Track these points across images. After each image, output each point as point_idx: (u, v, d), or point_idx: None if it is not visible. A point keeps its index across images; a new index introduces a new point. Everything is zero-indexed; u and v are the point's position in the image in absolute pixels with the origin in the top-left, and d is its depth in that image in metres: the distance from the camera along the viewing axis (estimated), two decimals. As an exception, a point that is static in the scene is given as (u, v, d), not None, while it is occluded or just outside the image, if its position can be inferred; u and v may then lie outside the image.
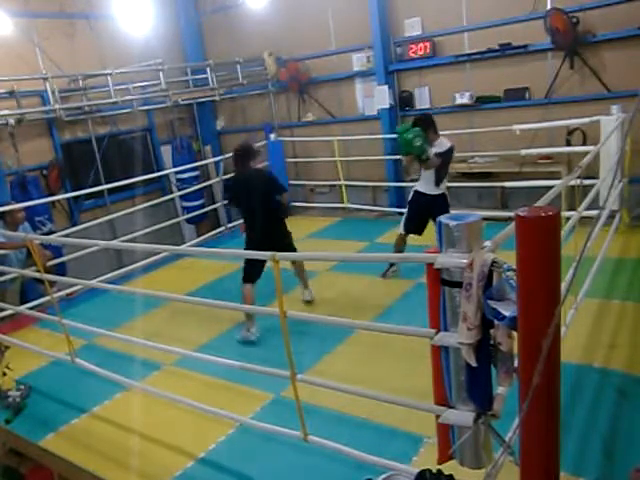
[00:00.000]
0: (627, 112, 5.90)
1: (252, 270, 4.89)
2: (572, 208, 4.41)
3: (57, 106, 7.75)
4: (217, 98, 9.60)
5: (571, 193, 4.77)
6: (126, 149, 9.61)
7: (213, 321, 5.13)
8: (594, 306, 4.48)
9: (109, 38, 9.03)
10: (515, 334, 1.99)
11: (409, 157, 5.24)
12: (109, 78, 8.01)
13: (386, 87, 8.31)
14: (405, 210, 5.71)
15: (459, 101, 7.81)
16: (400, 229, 5.65)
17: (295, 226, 6.28)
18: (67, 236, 6.37)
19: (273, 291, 2.71)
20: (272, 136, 8.77)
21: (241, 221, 5.36)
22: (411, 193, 5.62)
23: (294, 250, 5.14)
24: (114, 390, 4.16)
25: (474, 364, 2.05)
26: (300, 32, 9.17)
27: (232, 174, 5.39)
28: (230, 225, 8.58)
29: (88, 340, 4.93)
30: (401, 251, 5.58)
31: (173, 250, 5.26)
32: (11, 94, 7.42)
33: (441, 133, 7.58)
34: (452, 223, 2.04)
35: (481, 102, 7.74)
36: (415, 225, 5.53)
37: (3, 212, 5.74)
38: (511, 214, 1.96)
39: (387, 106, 8.35)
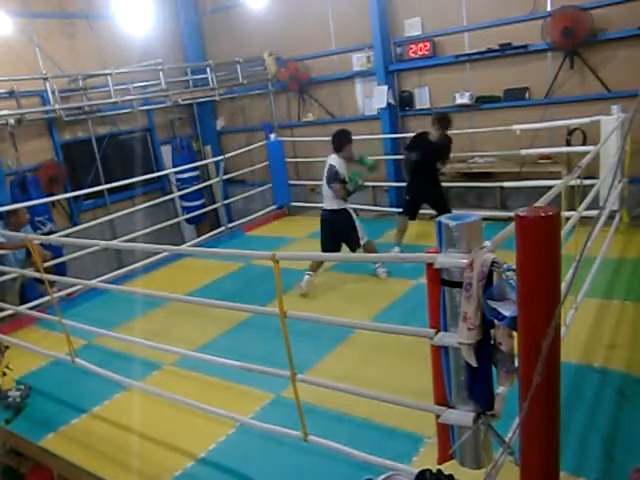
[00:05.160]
0: (627, 112, 5.90)
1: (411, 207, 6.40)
2: (572, 208, 4.41)
3: (57, 106, 7.76)
4: (217, 98, 9.61)
5: (571, 193, 4.77)
6: (126, 149, 9.62)
7: (213, 321, 5.12)
8: (594, 306, 4.48)
9: (109, 38, 9.04)
10: (515, 334, 1.99)
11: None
12: (109, 78, 8.02)
13: (385, 87, 8.31)
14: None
15: (459, 101, 7.80)
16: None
17: (295, 226, 6.33)
18: (67, 236, 6.37)
19: (273, 291, 2.71)
20: (272, 136, 8.77)
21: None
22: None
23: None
24: (114, 390, 4.16)
25: (474, 364, 2.05)
26: (300, 32, 9.17)
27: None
28: (230, 225, 8.58)
29: (88, 340, 4.93)
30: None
31: (173, 250, 5.25)
32: (11, 94, 7.42)
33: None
34: (452, 223, 2.04)
35: (481, 102, 7.73)
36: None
37: (8, 212, 5.74)
38: (511, 214, 1.96)
39: (384, 105, 8.33)
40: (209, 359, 3.48)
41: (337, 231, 5.67)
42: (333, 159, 5.62)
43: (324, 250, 5.63)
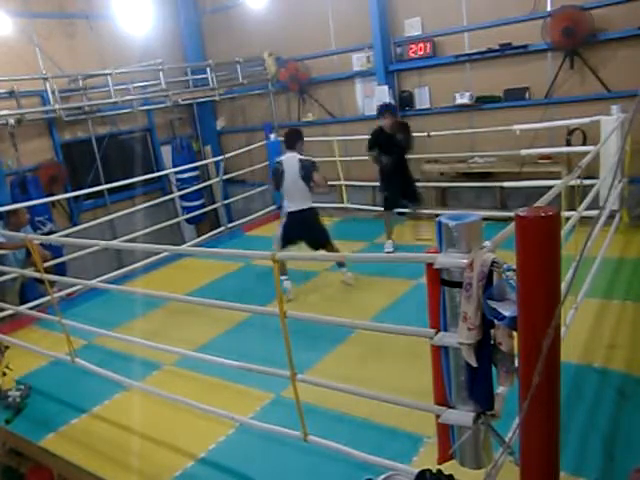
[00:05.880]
0: (627, 112, 5.90)
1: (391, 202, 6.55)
2: (572, 208, 4.40)
3: (57, 106, 7.77)
4: (217, 98, 9.62)
5: (571, 193, 4.77)
6: (126, 149, 9.62)
7: (213, 321, 5.12)
8: (594, 306, 4.47)
9: (109, 38, 9.04)
10: (515, 334, 1.99)
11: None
12: (109, 78, 8.02)
13: (386, 87, 8.31)
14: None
15: (459, 101, 7.81)
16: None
17: (295, 226, 6.34)
18: (67, 236, 6.37)
19: (273, 291, 2.71)
20: (272, 136, 8.76)
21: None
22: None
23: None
24: (114, 390, 4.16)
25: (474, 364, 2.05)
26: (300, 32, 9.18)
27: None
28: (230, 225, 8.58)
29: (88, 340, 4.93)
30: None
31: (173, 250, 5.26)
32: (11, 94, 7.43)
33: (436, 133, 7.69)
34: (452, 223, 2.04)
35: (481, 102, 7.74)
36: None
37: (8, 212, 5.74)
38: (511, 214, 1.96)
39: (387, 106, 8.35)
40: (209, 359, 3.48)
41: (309, 230, 5.52)
42: (297, 155, 5.50)
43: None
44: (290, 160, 5.48)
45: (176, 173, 9.26)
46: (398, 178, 6.44)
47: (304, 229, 5.51)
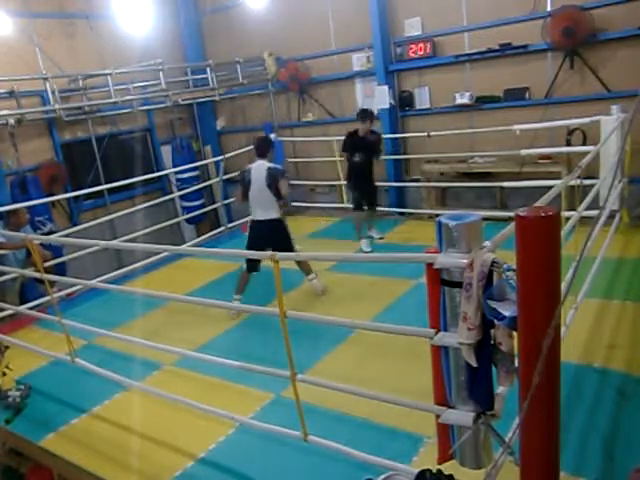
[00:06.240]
0: (627, 112, 5.90)
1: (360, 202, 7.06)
2: (572, 208, 4.41)
3: (57, 106, 7.76)
4: (217, 98, 9.62)
5: (571, 193, 4.77)
6: (126, 149, 9.62)
7: (213, 321, 5.13)
8: (594, 306, 4.48)
9: (109, 38, 9.03)
10: (515, 334, 1.99)
11: None
12: (109, 78, 8.02)
13: (386, 87, 8.31)
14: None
15: (459, 101, 7.81)
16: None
17: (295, 226, 6.32)
18: (67, 236, 6.37)
19: (273, 291, 2.71)
20: (272, 136, 8.73)
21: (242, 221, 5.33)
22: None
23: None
24: (114, 390, 4.16)
25: (474, 364, 2.05)
26: (300, 32, 9.17)
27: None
28: (230, 225, 8.58)
29: (88, 340, 4.93)
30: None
31: (173, 250, 5.25)
32: (11, 94, 7.42)
33: (436, 133, 7.61)
34: (452, 223, 2.04)
35: (481, 102, 7.73)
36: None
37: (8, 212, 5.74)
38: (511, 214, 1.96)
39: (387, 106, 8.35)
40: (209, 359, 3.48)
41: (274, 240, 5.25)
42: (266, 163, 5.36)
43: (250, 263, 5.33)
44: (259, 168, 5.33)
45: (176, 173, 9.26)
46: (364, 179, 6.92)
47: (269, 239, 5.27)
